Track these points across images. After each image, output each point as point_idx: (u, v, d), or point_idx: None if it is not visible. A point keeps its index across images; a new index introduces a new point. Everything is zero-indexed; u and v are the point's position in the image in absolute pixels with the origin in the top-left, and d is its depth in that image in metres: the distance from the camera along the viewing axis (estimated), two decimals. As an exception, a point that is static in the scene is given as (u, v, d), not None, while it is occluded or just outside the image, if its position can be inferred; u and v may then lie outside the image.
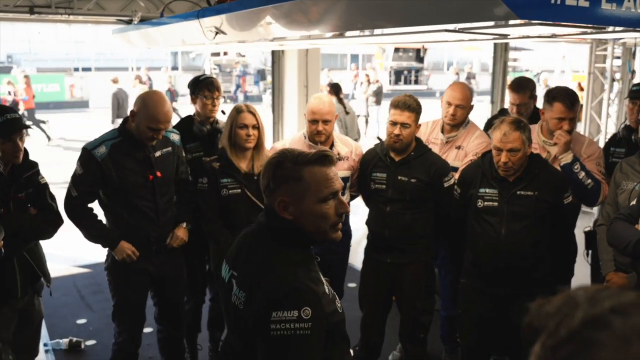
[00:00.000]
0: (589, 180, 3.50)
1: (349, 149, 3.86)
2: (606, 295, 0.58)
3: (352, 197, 4.00)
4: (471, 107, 4.02)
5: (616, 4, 1.97)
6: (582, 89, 11.71)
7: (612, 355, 0.53)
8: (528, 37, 3.48)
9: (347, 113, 8.05)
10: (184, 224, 3.59)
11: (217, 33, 3.50)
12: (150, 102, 3.28)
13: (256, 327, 1.68)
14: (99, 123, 17.52)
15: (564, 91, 3.69)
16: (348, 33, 3.21)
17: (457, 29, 2.51)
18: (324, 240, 1.85)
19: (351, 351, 2.06)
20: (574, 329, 0.55)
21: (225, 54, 24.41)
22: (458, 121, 3.96)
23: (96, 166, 3.26)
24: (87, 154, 3.29)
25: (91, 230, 3.40)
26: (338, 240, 1.89)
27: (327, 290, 1.79)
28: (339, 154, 3.78)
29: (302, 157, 1.79)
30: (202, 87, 3.93)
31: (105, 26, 6.94)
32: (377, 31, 3.03)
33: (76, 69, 28.26)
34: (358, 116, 17.23)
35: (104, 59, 31.48)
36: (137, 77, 14.07)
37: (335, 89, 8.58)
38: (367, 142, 4.15)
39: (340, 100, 8.16)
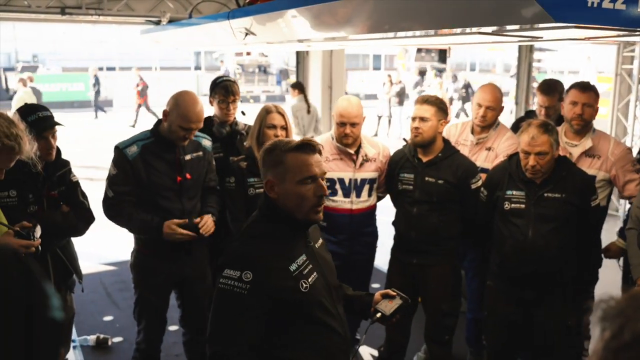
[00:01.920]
0: None
1: (377, 150, 3.87)
2: None
3: (379, 198, 4.01)
4: (502, 109, 4.02)
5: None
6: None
7: None
8: (561, 39, 3.48)
9: (308, 112, 8.02)
10: (211, 215, 3.50)
11: (247, 34, 3.53)
12: (182, 102, 3.31)
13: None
14: (124, 122, 17.87)
15: (578, 82, 3.85)
16: (377, 35, 3.23)
17: (492, 32, 2.51)
18: (306, 219, 2.10)
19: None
20: (638, 333, 0.55)
21: (248, 54, 24.47)
22: (488, 123, 3.96)
23: (128, 165, 3.30)
24: (120, 153, 3.32)
25: (131, 226, 3.41)
26: (319, 221, 2.16)
27: (292, 267, 2.03)
28: (366, 155, 3.80)
29: (287, 144, 2.10)
30: (218, 90, 3.92)
31: (130, 26, 7.05)
32: (408, 32, 3.04)
33: (100, 69, 28.59)
34: (380, 117, 17.32)
35: (129, 59, 31.82)
36: (21, 80, 13.67)
37: (300, 87, 8.66)
38: (391, 144, 4.17)
39: (305, 99, 8.20)
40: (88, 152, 12.35)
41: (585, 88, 3.74)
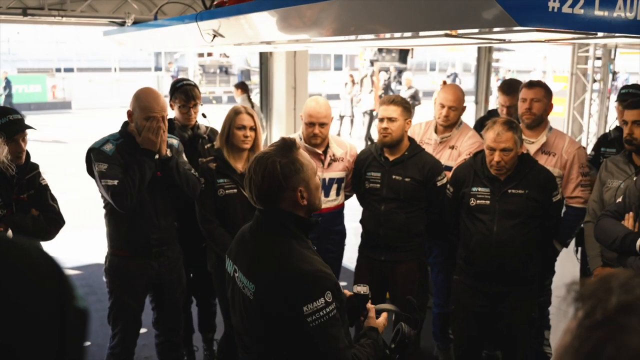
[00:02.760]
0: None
1: (344, 150, 3.94)
2: (638, 283, 0.64)
3: (347, 197, 4.08)
4: (464, 109, 4.13)
5: (608, 11, 2.07)
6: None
7: None
8: (523, 41, 3.60)
9: None
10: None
11: (215, 36, 3.55)
12: (142, 95, 3.34)
13: (283, 320, 1.85)
14: (86, 124, 17.56)
15: (528, 80, 4.03)
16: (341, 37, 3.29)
17: (457, 34, 2.60)
18: (313, 219, 2.04)
19: None
20: (609, 313, 0.62)
21: (209, 55, 24.30)
22: (451, 122, 4.07)
23: (111, 159, 3.26)
24: (98, 151, 3.29)
25: (137, 178, 3.26)
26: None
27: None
28: (334, 155, 3.85)
29: (287, 148, 2.00)
30: (178, 95, 3.89)
31: (93, 27, 6.96)
32: (371, 35, 3.11)
33: (58, 70, 28.02)
34: (342, 117, 17.40)
35: (86, 60, 31.26)
36: None
37: (243, 87, 8.68)
38: (354, 143, 4.24)
39: (248, 98, 8.24)
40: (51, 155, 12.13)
41: (532, 84, 3.92)
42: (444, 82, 12.30)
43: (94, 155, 3.31)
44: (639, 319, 0.60)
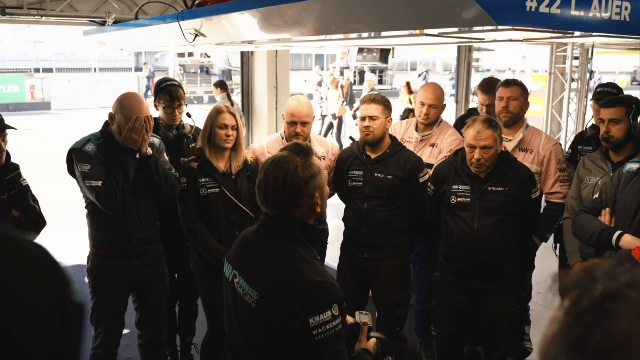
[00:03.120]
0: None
1: (326, 149, 3.96)
2: (621, 272, 0.67)
3: (329, 196, 4.08)
4: (444, 107, 4.19)
5: (584, 11, 2.12)
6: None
7: (628, 325, 0.62)
8: (504, 40, 3.66)
9: None
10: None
11: (197, 35, 3.56)
12: (126, 104, 3.32)
13: (286, 330, 1.80)
14: (65, 124, 17.37)
15: (505, 79, 4.13)
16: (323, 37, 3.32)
17: (438, 34, 2.63)
18: (318, 226, 2.02)
19: None
20: (595, 301, 0.65)
21: (190, 55, 24.16)
22: (431, 120, 4.12)
23: (94, 159, 3.25)
24: (80, 152, 3.27)
25: (120, 177, 3.26)
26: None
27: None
28: (316, 154, 3.86)
29: (304, 152, 1.95)
30: (163, 96, 3.90)
31: (73, 27, 6.90)
32: (353, 34, 3.13)
33: (37, 70, 27.71)
34: (325, 116, 17.41)
35: (65, 60, 30.97)
36: None
37: (222, 86, 8.68)
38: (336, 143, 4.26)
39: (228, 97, 8.23)
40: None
41: (509, 83, 4.01)
42: (407, 84, 12.31)
43: (76, 156, 3.28)
44: (624, 305, 0.63)
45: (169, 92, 3.87)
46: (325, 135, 15.00)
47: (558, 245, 4.07)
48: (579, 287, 0.67)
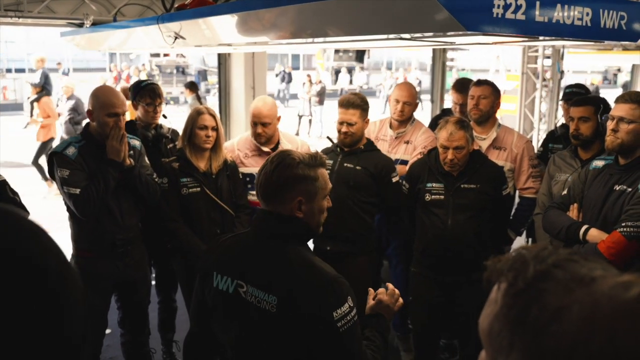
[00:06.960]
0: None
1: (295, 146, 3.98)
2: (547, 254, 0.77)
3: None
4: (417, 105, 4.33)
5: (547, 16, 2.24)
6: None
7: (559, 299, 0.71)
8: (473, 43, 3.79)
9: None
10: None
11: (176, 38, 3.61)
12: (100, 93, 3.38)
13: (311, 328, 1.80)
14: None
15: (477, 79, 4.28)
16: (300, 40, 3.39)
17: (411, 37, 2.73)
18: (316, 234, 2.03)
19: None
20: (529, 281, 0.74)
21: (165, 55, 24.10)
22: (405, 117, 4.25)
23: (74, 164, 3.27)
24: (60, 156, 3.29)
25: (100, 187, 3.29)
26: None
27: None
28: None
29: (314, 159, 1.94)
30: (144, 94, 3.95)
31: (51, 28, 6.86)
32: (328, 37, 3.21)
33: (9, 70, 27.31)
34: (302, 116, 17.52)
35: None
36: None
37: (192, 87, 8.72)
38: (312, 143, 4.34)
39: (197, 98, 8.28)
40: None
41: (480, 83, 4.18)
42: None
43: (57, 160, 3.30)
44: (554, 283, 0.73)
45: (151, 89, 3.95)
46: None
47: (529, 240, 4.21)
48: (513, 270, 0.76)
